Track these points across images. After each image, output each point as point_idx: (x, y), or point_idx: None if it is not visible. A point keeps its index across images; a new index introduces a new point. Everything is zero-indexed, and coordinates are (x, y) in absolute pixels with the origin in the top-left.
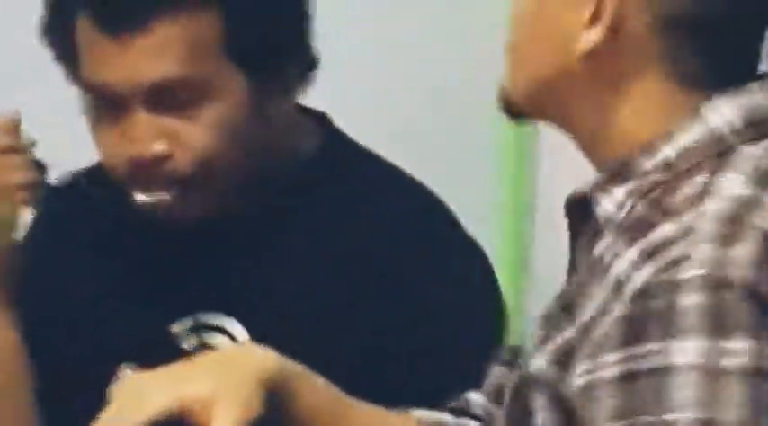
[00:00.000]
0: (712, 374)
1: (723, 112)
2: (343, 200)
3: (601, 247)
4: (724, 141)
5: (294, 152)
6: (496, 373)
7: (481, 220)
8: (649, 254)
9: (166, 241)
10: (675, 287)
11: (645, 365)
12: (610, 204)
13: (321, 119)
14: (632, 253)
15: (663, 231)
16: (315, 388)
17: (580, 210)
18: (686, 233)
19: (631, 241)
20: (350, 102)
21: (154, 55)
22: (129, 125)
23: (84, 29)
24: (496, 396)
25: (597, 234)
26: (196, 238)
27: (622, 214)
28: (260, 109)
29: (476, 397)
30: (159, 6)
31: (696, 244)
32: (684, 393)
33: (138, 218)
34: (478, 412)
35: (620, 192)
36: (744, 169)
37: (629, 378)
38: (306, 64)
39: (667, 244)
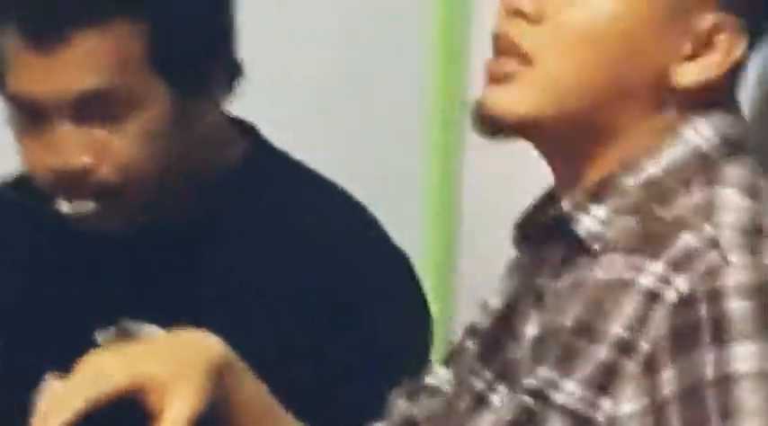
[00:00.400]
0: None
1: (700, 130)
2: (268, 208)
3: (605, 268)
4: (708, 158)
5: (220, 160)
6: (402, 407)
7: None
8: (677, 266)
9: (93, 248)
10: (720, 294)
11: (707, 375)
12: (592, 222)
13: (247, 128)
14: (657, 266)
15: (685, 242)
16: (253, 385)
17: (545, 229)
18: (712, 244)
19: (652, 254)
20: (275, 107)
21: (78, 66)
22: (54, 136)
23: (9, 40)
24: None
25: (576, 252)
26: (123, 246)
27: (612, 231)
28: (184, 118)
29: None
30: (83, 18)
31: (727, 254)
32: (751, 399)
33: (64, 226)
34: None
35: (600, 211)
36: (733, 183)
37: (693, 391)
38: (230, 73)
39: (695, 255)
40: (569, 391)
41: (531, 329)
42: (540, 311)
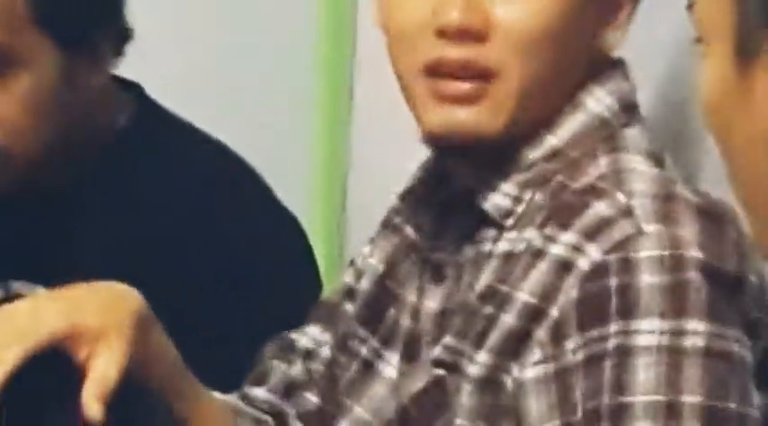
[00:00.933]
0: (673, 355)
1: (600, 97)
2: (156, 169)
3: (515, 240)
4: (609, 125)
5: (107, 122)
6: (281, 369)
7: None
8: (589, 235)
9: None
10: (632, 266)
11: (609, 345)
12: (501, 198)
13: (134, 89)
14: (570, 236)
15: (597, 210)
16: (166, 341)
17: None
18: (625, 212)
19: (563, 224)
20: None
21: None
22: None
23: None
24: (287, 392)
25: (480, 226)
26: (10, 207)
27: (522, 206)
28: (71, 80)
29: (260, 393)
30: None
31: (641, 222)
32: (646, 374)
33: None
34: (264, 408)
35: (506, 186)
36: (638, 150)
37: (594, 360)
38: (119, 35)
39: (608, 223)
40: (481, 361)
41: (431, 303)
42: (440, 285)
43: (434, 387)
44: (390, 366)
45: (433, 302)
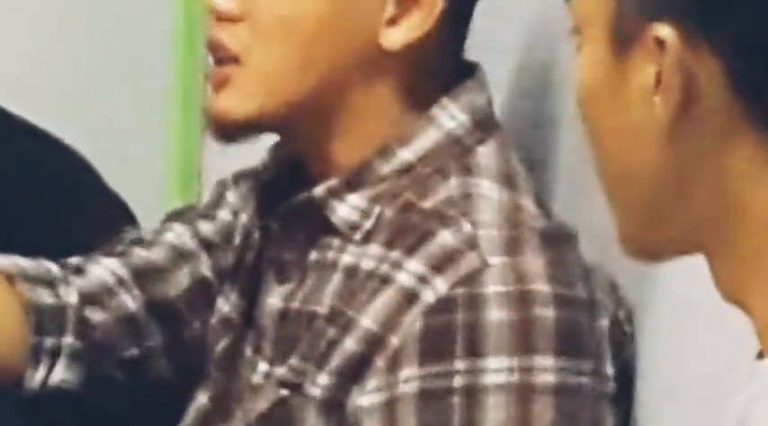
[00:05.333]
0: (523, 392)
1: (453, 114)
2: None
3: (361, 255)
4: (462, 143)
5: None
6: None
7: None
8: (436, 267)
9: None
10: (478, 302)
11: (455, 383)
12: (348, 211)
13: None
14: (416, 265)
15: (443, 240)
16: None
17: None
18: (470, 244)
19: (410, 251)
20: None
21: None
22: None
23: None
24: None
25: (324, 234)
26: None
27: (370, 221)
28: None
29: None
30: None
31: (486, 256)
32: (497, 413)
33: None
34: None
35: (355, 199)
36: (489, 173)
37: (436, 395)
38: None
39: (454, 255)
40: (323, 383)
41: (273, 301)
42: (282, 285)
43: (279, 408)
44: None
45: (275, 299)
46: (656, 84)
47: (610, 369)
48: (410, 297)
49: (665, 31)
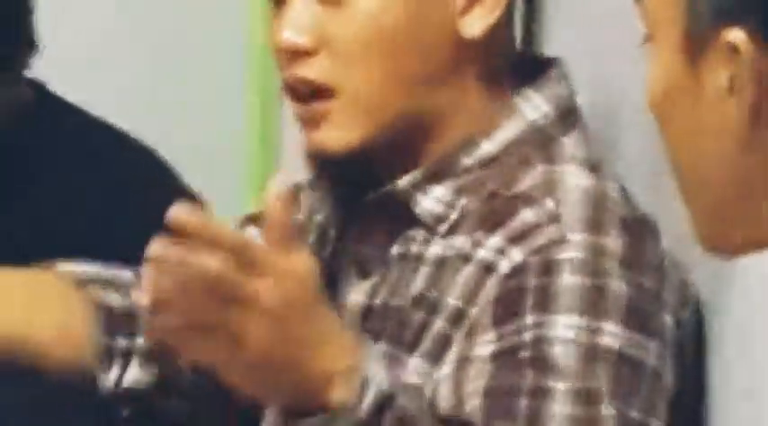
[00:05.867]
0: (588, 350)
1: (537, 104)
2: (54, 157)
3: (447, 247)
4: (544, 133)
5: (8, 119)
6: None
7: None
8: (514, 239)
9: None
10: (552, 266)
11: (524, 337)
12: (433, 203)
13: (34, 86)
14: (496, 241)
15: (524, 217)
16: None
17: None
18: (552, 219)
19: (491, 230)
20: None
21: None
22: None
23: None
24: None
25: (408, 227)
26: None
27: (455, 213)
28: None
29: None
30: None
31: (566, 230)
32: (565, 363)
33: None
34: None
35: (440, 191)
36: (574, 160)
37: (506, 352)
38: (25, 51)
39: (533, 228)
40: (413, 367)
41: (355, 297)
42: (365, 281)
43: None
44: None
45: (358, 295)
46: (730, 87)
47: (670, 362)
48: (488, 269)
49: (738, 35)
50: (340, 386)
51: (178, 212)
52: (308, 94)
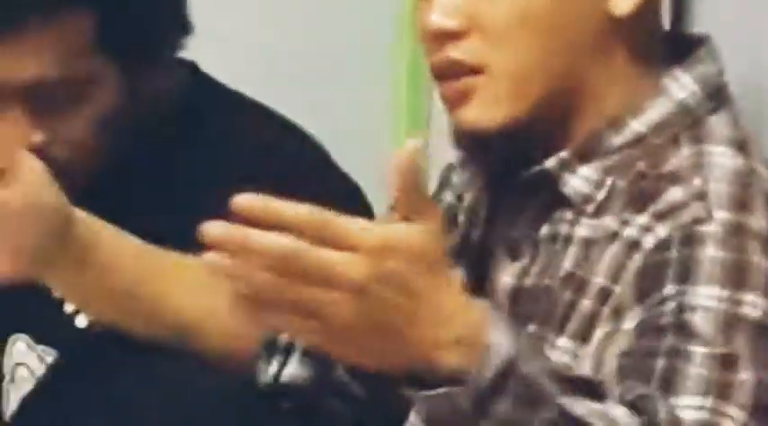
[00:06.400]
0: (728, 318)
1: (684, 83)
2: (213, 139)
3: (595, 227)
4: (693, 113)
5: (164, 103)
6: None
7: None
8: (661, 216)
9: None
10: (695, 239)
11: (666, 307)
12: (581, 183)
13: (189, 67)
14: (643, 219)
15: (672, 195)
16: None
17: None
18: (699, 196)
19: (639, 209)
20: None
21: (28, 55)
22: (5, 123)
23: None
24: None
25: (557, 207)
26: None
27: (603, 192)
28: (135, 91)
29: None
30: (33, 8)
31: (712, 207)
32: (705, 329)
33: None
34: None
35: (587, 171)
36: (722, 139)
37: (648, 323)
38: (180, 34)
39: (680, 206)
40: (561, 346)
41: (506, 278)
42: (515, 262)
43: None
44: None
45: (508, 277)
46: None
47: None
48: (633, 246)
49: None
50: (454, 354)
51: (240, 198)
52: (455, 75)
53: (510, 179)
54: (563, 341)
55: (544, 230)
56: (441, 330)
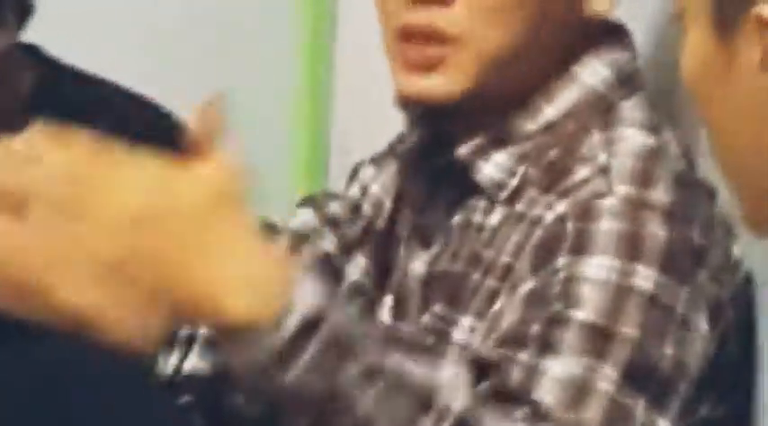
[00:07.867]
0: (619, 291)
1: (597, 70)
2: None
3: (507, 216)
4: (605, 99)
5: (13, 89)
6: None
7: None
8: (563, 193)
9: None
10: (591, 213)
11: (556, 278)
12: (494, 170)
13: (32, 50)
14: (548, 198)
15: (578, 174)
16: None
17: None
18: (602, 171)
19: (547, 189)
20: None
21: None
22: None
23: None
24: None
25: (470, 195)
26: None
27: (516, 180)
28: None
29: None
30: None
31: (613, 181)
32: (591, 297)
33: None
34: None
35: (501, 157)
36: (633, 123)
37: (538, 293)
38: (21, 9)
39: (583, 182)
40: (466, 325)
41: (418, 266)
42: (426, 250)
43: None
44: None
45: (419, 265)
46: (762, 63)
47: (703, 322)
48: (535, 222)
49: (766, 10)
50: (245, 297)
51: None
52: (429, 40)
53: (422, 165)
54: (467, 320)
55: (457, 218)
56: (231, 266)
